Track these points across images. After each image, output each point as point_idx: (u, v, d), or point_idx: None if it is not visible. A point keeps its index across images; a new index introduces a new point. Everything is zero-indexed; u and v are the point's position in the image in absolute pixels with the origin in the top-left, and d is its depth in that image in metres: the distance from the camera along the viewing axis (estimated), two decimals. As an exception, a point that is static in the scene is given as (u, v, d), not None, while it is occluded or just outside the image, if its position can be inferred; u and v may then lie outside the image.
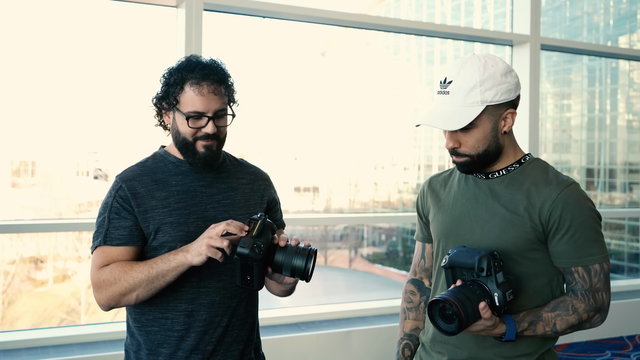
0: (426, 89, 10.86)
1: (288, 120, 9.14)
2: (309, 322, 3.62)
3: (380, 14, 10.00)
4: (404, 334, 1.79)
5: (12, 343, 2.99)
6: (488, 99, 1.50)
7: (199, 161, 1.62)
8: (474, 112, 1.49)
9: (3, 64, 5.92)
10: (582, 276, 1.52)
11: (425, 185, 1.78)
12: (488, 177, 1.61)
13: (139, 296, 1.53)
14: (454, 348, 1.60)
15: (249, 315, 1.70)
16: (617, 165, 10.49)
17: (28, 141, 6.60)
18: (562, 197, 1.51)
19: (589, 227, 1.52)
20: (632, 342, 4.36)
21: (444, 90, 1.51)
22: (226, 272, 1.64)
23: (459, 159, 1.56)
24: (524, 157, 1.61)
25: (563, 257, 1.53)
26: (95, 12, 6.03)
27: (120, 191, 1.61)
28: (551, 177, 1.56)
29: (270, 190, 1.78)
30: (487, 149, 1.55)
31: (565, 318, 1.50)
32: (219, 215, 1.64)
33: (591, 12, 10.63)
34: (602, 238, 1.55)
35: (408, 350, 1.77)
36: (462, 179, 1.67)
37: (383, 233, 11.26)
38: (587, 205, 1.54)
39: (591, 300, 1.52)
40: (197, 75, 1.58)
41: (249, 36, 6.79)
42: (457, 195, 1.66)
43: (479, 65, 1.50)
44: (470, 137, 1.53)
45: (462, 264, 1.45)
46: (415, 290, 1.80)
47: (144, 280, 1.51)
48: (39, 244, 6.99)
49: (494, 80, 1.50)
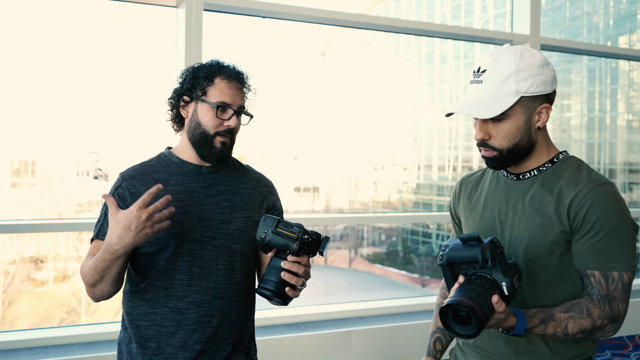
0: (426, 89, 10.86)
1: (288, 120, 9.14)
2: (309, 322, 3.62)
3: (380, 14, 10.01)
4: (436, 328, 1.75)
5: (12, 343, 2.99)
6: (523, 90, 1.44)
7: (214, 156, 1.65)
8: (507, 102, 1.43)
9: (3, 64, 5.92)
10: (598, 281, 1.44)
11: (457, 187, 1.73)
12: (519, 178, 1.54)
13: (103, 290, 1.56)
14: (487, 353, 1.56)
15: (240, 318, 1.70)
16: (617, 165, 10.49)
17: (28, 141, 6.60)
18: (590, 196, 1.43)
19: (613, 231, 1.43)
20: (632, 342, 4.36)
21: (477, 80, 1.46)
22: (217, 273, 1.64)
23: (488, 152, 1.49)
24: (558, 155, 1.54)
25: (580, 258, 1.45)
26: (95, 12, 6.03)
27: (119, 189, 1.65)
28: (583, 175, 1.48)
29: (271, 197, 1.78)
30: (519, 143, 1.48)
31: (579, 321, 1.42)
32: (215, 217, 1.65)
33: (591, 12, 10.63)
34: (629, 246, 1.45)
35: (439, 344, 1.74)
36: (494, 180, 1.61)
37: (383, 233, 11.26)
38: (618, 208, 1.45)
39: (607, 307, 1.43)
40: (228, 71, 1.66)
41: (249, 36, 6.79)
42: (487, 197, 1.60)
43: (515, 55, 1.45)
44: (502, 128, 1.46)
45: (462, 259, 1.36)
46: None
47: (96, 275, 1.54)
48: (39, 244, 6.99)
49: (530, 70, 1.44)
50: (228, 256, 1.65)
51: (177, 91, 1.70)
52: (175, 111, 1.71)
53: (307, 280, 1.54)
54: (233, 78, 1.66)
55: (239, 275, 1.67)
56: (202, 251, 1.63)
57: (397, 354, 3.49)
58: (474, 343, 1.59)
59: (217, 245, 1.64)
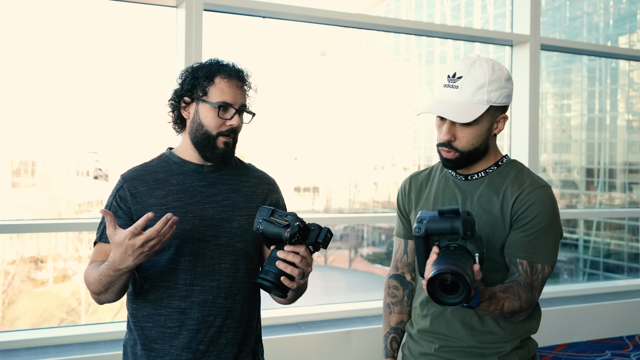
0: (426, 89, 10.86)
1: (288, 120, 9.13)
2: (309, 322, 3.62)
3: (380, 14, 10.01)
4: (390, 328, 1.85)
5: (12, 343, 2.99)
6: (492, 100, 1.57)
7: (218, 157, 1.65)
8: (480, 109, 1.55)
9: (3, 64, 5.92)
10: (525, 269, 1.58)
11: (406, 183, 1.83)
12: (467, 179, 1.67)
13: (108, 298, 1.57)
14: (444, 337, 1.68)
15: (245, 318, 1.69)
16: (617, 165, 10.48)
17: (28, 141, 6.60)
18: (532, 196, 1.58)
19: (545, 229, 1.58)
20: (632, 342, 4.36)
21: (452, 84, 1.56)
22: (221, 272, 1.64)
23: (450, 153, 1.60)
24: (502, 159, 1.68)
25: (512, 248, 1.59)
26: (95, 12, 6.02)
27: (120, 191, 1.65)
28: (525, 177, 1.63)
29: (273, 195, 1.77)
30: (478, 147, 1.61)
31: (512, 302, 1.53)
32: (216, 215, 1.65)
33: (591, 12, 10.62)
34: (555, 244, 1.61)
35: (395, 343, 1.85)
36: (442, 180, 1.72)
37: (383, 233, 11.26)
38: (553, 210, 1.60)
39: (529, 294, 1.57)
40: (228, 70, 1.66)
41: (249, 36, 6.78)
42: (437, 194, 1.71)
43: (488, 67, 1.56)
44: (468, 132, 1.58)
45: (441, 230, 1.39)
46: (398, 285, 1.86)
47: (101, 287, 1.55)
48: (39, 244, 6.98)
49: (499, 83, 1.57)
50: (231, 255, 1.65)
51: (177, 92, 1.69)
52: (176, 113, 1.71)
53: (309, 273, 1.53)
54: (233, 77, 1.65)
55: (243, 274, 1.67)
56: (205, 250, 1.63)
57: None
58: (431, 329, 1.71)
59: (220, 244, 1.64)
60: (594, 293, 4.80)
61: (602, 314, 4.47)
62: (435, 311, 1.69)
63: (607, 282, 5.45)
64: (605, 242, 10.17)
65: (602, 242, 10.19)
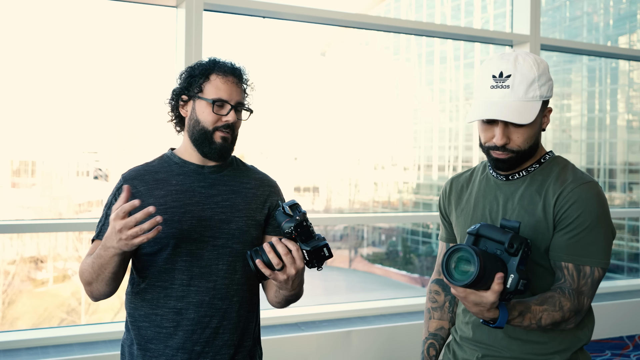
0: (426, 89, 10.86)
1: (288, 120, 9.13)
2: (309, 322, 3.62)
3: (380, 14, 10.01)
4: (429, 334, 1.77)
5: (12, 343, 2.99)
6: (544, 94, 1.48)
7: (215, 151, 1.64)
8: (536, 106, 1.47)
9: (3, 64, 5.92)
10: (571, 274, 1.48)
11: (447, 186, 1.75)
12: (508, 179, 1.58)
13: (99, 289, 1.57)
14: (487, 346, 1.59)
15: (242, 320, 1.68)
16: (617, 165, 10.49)
17: (28, 141, 6.60)
18: (575, 193, 1.47)
19: (591, 228, 1.47)
20: (632, 342, 4.36)
21: (502, 84, 1.46)
22: (217, 273, 1.63)
23: (504, 155, 1.50)
24: (545, 155, 1.58)
25: (557, 251, 1.49)
26: (95, 12, 6.03)
27: (120, 190, 1.65)
28: (569, 174, 1.53)
29: (274, 197, 1.77)
30: (532, 145, 1.52)
31: (552, 314, 1.44)
32: (215, 216, 1.65)
33: (591, 12, 10.63)
34: (605, 244, 1.49)
35: (433, 350, 1.76)
36: (484, 180, 1.64)
37: (383, 233, 11.26)
38: (599, 207, 1.48)
39: (576, 301, 1.47)
40: (224, 68, 1.66)
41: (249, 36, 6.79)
42: (478, 196, 1.63)
43: (533, 61, 1.48)
44: (523, 132, 1.49)
45: (491, 237, 1.37)
46: (440, 290, 1.79)
47: (92, 273, 1.55)
48: (39, 244, 6.99)
49: (546, 76, 1.49)
50: (229, 256, 1.64)
51: (176, 91, 1.70)
52: (175, 111, 1.71)
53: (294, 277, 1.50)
54: (229, 73, 1.66)
55: (240, 275, 1.66)
56: (202, 251, 1.62)
57: (397, 354, 3.48)
58: (473, 337, 1.62)
59: (218, 245, 1.63)
60: (594, 293, 4.80)
61: (602, 314, 4.47)
62: (476, 319, 1.61)
63: (607, 282, 5.44)
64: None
65: (602, 242, 10.17)
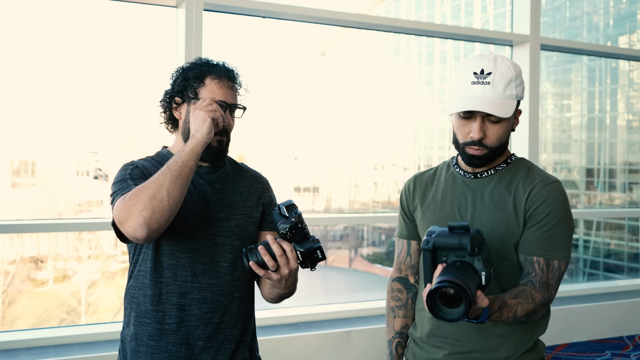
0: (426, 89, 10.86)
1: (288, 120, 9.13)
2: (309, 322, 3.62)
3: (380, 14, 10.01)
4: (394, 332, 1.80)
5: (12, 343, 2.99)
6: (519, 94, 1.58)
7: (211, 155, 1.65)
8: (512, 104, 1.56)
9: (3, 64, 5.92)
10: (541, 268, 1.56)
11: (410, 183, 1.79)
12: (477, 177, 1.65)
13: (169, 192, 1.44)
14: (453, 341, 1.63)
15: (242, 315, 1.71)
16: (617, 165, 10.48)
17: (28, 141, 6.60)
18: (545, 191, 1.57)
19: (560, 225, 1.57)
20: (632, 342, 4.36)
21: (483, 81, 1.54)
22: (220, 270, 1.66)
23: (479, 151, 1.58)
24: (510, 156, 1.67)
25: (529, 245, 1.57)
26: (95, 12, 6.03)
27: (135, 169, 1.63)
28: (536, 174, 1.62)
29: (266, 194, 1.79)
30: (504, 143, 1.61)
31: (525, 306, 1.50)
32: (215, 214, 1.67)
33: (591, 12, 10.62)
34: (569, 240, 1.60)
35: (400, 348, 1.79)
36: (450, 178, 1.70)
37: (383, 233, 11.26)
38: (565, 204, 1.59)
39: (545, 293, 1.55)
40: (218, 71, 1.66)
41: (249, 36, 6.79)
42: (445, 194, 1.69)
43: (509, 62, 1.57)
44: (498, 129, 1.57)
45: (449, 245, 1.39)
46: (402, 288, 1.82)
47: (167, 173, 1.47)
48: (39, 244, 6.98)
49: (520, 78, 1.58)
50: (230, 253, 1.67)
51: (169, 93, 1.70)
52: (168, 113, 1.72)
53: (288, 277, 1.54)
54: (223, 77, 1.66)
55: (240, 271, 1.69)
56: (205, 248, 1.64)
57: (397, 354, 3.48)
58: (440, 333, 1.65)
59: (219, 242, 1.66)
60: (594, 293, 4.80)
61: (602, 314, 4.47)
62: None
63: (607, 282, 5.44)
64: (605, 242, 10.17)
65: (602, 242, 10.19)
